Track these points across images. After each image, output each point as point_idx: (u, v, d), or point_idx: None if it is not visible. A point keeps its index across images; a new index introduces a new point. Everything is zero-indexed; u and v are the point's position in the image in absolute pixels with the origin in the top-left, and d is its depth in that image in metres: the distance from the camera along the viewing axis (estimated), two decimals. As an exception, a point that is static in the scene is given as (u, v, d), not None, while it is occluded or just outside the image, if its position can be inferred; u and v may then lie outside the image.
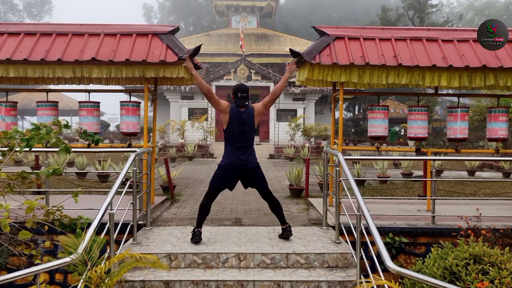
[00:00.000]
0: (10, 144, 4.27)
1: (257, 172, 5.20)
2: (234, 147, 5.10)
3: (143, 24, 8.54)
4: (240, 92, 5.12)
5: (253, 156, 5.17)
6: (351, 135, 36.83)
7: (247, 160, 5.08)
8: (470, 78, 6.21)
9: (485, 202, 7.67)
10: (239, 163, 5.06)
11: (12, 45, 6.23)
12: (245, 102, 5.13)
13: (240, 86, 5.21)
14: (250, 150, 5.16)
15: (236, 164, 5.07)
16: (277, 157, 20.97)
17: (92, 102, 6.75)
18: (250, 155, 5.14)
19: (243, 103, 5.12)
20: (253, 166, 5.13)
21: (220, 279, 4.26)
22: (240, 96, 5.11)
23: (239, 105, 5.11)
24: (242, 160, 5.06)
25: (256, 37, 33.24)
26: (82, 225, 4.51)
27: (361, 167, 10.72)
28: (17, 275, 3.04)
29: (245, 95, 5.13)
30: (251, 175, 5.17)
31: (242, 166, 5.08)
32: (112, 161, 11.78)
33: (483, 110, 18.11)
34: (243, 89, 5.16)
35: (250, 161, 5.11)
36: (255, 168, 5.16)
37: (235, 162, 5.07)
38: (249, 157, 5.10)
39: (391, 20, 35.28)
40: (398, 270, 3.23)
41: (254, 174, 5.17)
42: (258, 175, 5.21)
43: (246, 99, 5.14)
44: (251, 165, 5.11)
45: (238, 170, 5.09)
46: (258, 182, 5.24)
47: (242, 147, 5.10)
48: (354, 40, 6.48)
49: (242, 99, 5.12)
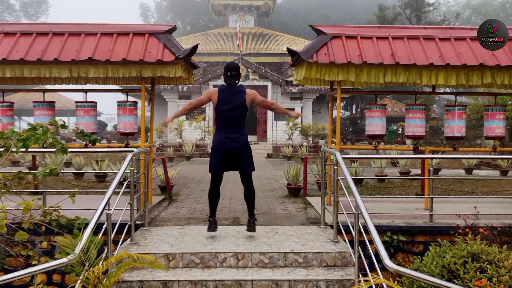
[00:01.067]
0: (6, 145, 4.25)
1: (246, 151, 5.18)
2: (223, 126, 5.12)
3: (140, 24, 8.51)
4: (230, 70, 5.12)
5: (242, 134, 5.16)
6: (349, 134, 36.88)
7: (236, 138, 5.09)
8: (467, 76, 6.22)
9: (482, 200, 7.68)
10: (228, 140, 5.07)
11: (8, 45, 6.20)
12: (235, 80, 5.12)
13: (230, 64, 5.23)
14: (239, 129, 5.15)
15: (226, 141, 5.08)
16: (275, 156, 20.97)
17: (89, 102, 6.73)
18: (239, 133, 5.13)
19: (232, 81, 5.11)
20: (241, 145, 5.12)
21: (218, 279, 4.26)
22: (229, 75, 5.11)
23: (229, 83, 5.11)
24: (230, 138, 5.07)
25: (253, 36, 33.21)
26: (79, 226, 4.50)
27: (359, 165, 10.73)
28: (15, 276, 3.03)
29: (234, 73, 5.12)
30: (240, 154, 5.15)
31: (231, 144, 5.08)
32: (110, 161, 11.75)
33: (480, 109, 18.15)
34: (232, 67, 5.16)
35: (239, 139, 5.11)
36: (244, 146, 5.15)
37: (224, 140, 5.08)
38: (238, 136, 5.11)
39: (388, 19, 35.32)
40: (396, 268, 3.23)
41: (242, 153, 5.15)
42: (245, 154, 5.19)
43: (236, 78, 5.13)
44: (239, 143, 5.11)
45: (228, 147, 5.09)
46: (244, 162, 5.20)
47: (232, 125, 5.10)
48: (352, 39, 6.48)
49: (232, 77, 5.11)
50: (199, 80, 24.37)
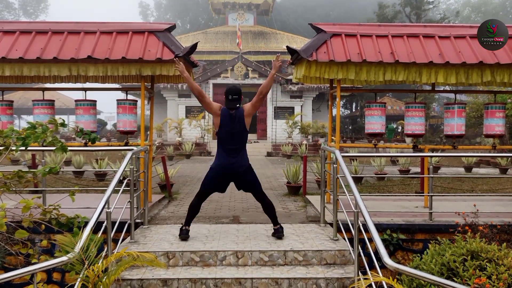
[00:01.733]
0: (6, 143, 4.25)
1: (249, 175, 5.16)
2: (225, 150, 5.08)
3: (140, 22, 8.51)
4: (231, 94, 5.07)
5: (243, 159, 5.11)
6: (349, 132, 36.87)
7: (237, 163, 5.04)
8: (467, 74, 6.22)
9: (482, 198, 7.68)
10: (229, 166, 5.04)
11: (7, 43, 6.20)
12: (236, 104, 5.07)
13: (231, 88, 5.15)
14: (240, 153, 5.09)
15: (226, 167, 5.05)
16: (275, 154, 20.98)
17: (88, 101, 6.72)
18: (241, 158, 5.08)
19: (234, 106, 5.06)
20: (243, 170, 5.08)
21: (218, 277, 4.26)
22: (231, 99, 5.06)
23: (230, 107, 5.06)
24: (232, 163, 5.03)
25: (253, 35, 33.19)
26: (79, 224, 4.51)
27: (358, 164, 10.74)
28: (15, 274, 3.03)
29: (236, 97, 5.06)
30: (242, 178, 5.14)
31: (231, 169, 5.05)
32: (109, 159, 11.75)
33: (480, 107, 18.16)
34: (234, 91, 5.09)
35: (240, 163, 5.06)
36: (246, 171, 5.12)
37: (225, 165, 5.05)
38: (239, 160, 5.06)
39: (388, 17, 35.27)
40: (395, 266, 3.23)
41: (245, 177, 5.14)
42: (249, 178, 5.17)
43: (237, 102, 5.08)
44: (241, 168, 5.07)
45: (228, 172, 5.07)
46: (250, 185, 5.20)
47: (232, 149, 5.05)
48: (351, 37, 6.48)
49: (233, 101, 5.06)
50: (198, 78, 24.34)
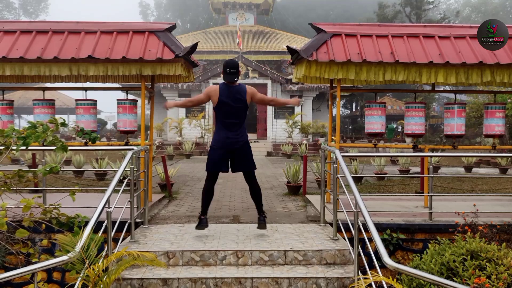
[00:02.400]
0: (6, 143, 4.25)
1: (246, 150, 5.17)
2: (223, 125, 5.10)
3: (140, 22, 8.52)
4: (229, 67, 5.10)
5: (242, 134, 5.14)
6: (349, 132, 36.89)
7: (236, 137, 5.08)
8: (467, 74, 6.22)
9: (482, 198, 7.69)
10: (228, 140, 5.06)
11: (8, 43, 6.21)
12: (234, 77, 5.11)
13: (229, 61, 5.19)
14: (240, 128, 5.13)
15: (225, 141, 5.07)
16: (275, 154, 20.99)
17: (89, 100, 6.73)
18: (239, 133, 5.12)
19: (232, 79, 5.10)
20: (241, 144, 5.10)
21: (218, 277, 4.27)
22: (229, 72, 5.10)
23: (229, 81, 5.10)
24: (230, 137, 5.05)
25: (253, 35, 33.18)
26: (79, 224, 4.52)
27: (358, 164, 10.74)
28: (15, 273, 3.04)
29: (233, 70, 5.09)
30: (239, 154, 5.14)
31: (230, 144, 5.07)
32: (110, 159, 11.76)
33: (480, 107, 18.16)
34: (231, 64, 5.13)
35: (239, 138, 5.09)
36: (244, 145, 5.14)
37: (224, 139, 5.07)
38: (237, 135, 5.09)
39: (388, 17, 35.28)
40: (395, 266, 3.24)
41: (242, 152, 5.14)
42: (246, 154, 5.17)
43: (236, 75, 5.11)
44: (239, 142, 5.09)
45: (227, 147, 5.08)
46: (245, 161, 5.19)
47: (231, 124, 5.08)
48: (351, 37, 6.48)
49: (231, 75, 5.09)
50: (199, 78, 24.36)
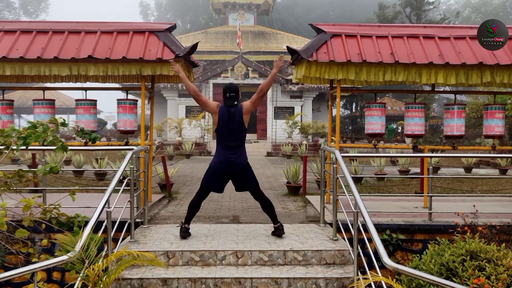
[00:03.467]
0: (6, 142, 4.25)
1: (247, 172, 5.19)
2: (224, 147, 5.12)
3: (140, 22, 8.53)
4: (228, 92, 5.11)
5: (242, 156, 5.15)
6: (349, 133, 36.86)
7: (236, 160, 5.08)
8: (466, 75, 6.23)
9: (481, 198, 7.69)
10: (228, 163, 5.07)
11: (8, 43, 6.21)
12: (234, 101, 5.11)
13: (229, 86, 5.19)
14: (239, 150, 5.14)
15: (225, 164, 5.08)
16: (275, 154, 20.99)
17: (89, 100, 6.73)
18: (240, 155, 5.12)
19: (231, 103, 5.10)
20: (241, 167, 5.12)
21: (218, 277, 4.27)
22: (228, 96, 5.11)
23: (228, 105, 5.10)
24: (230, 160, 5.06)
25: (253, 35, 33.19)
26: (79, 223, 4.51)
27: (358, 164, 10.74)
28: (15, 273, 3.04)
29: (233, 94, 5.11)
30: (240, 176, 5.17)
31: (230, 166, 5.08)
32: (110, 159, 11.77)
33: (479, 107, 18.15)
34: (231, 89, 5.14)
35: (239, 161, 5.10)
36: (244, 168, 5.15)
37: (224, 162, 5.08)
38: (238, 158, 5.10)
39: (388, 17, 35.28)
40: (395, 266, 3.24)
41: (243, 175, 5.17)
42: (247, 176, 5.20)
43: (235, 99, 5.13)
44: (239, 165, 5.10)
45: (227, 170, 5.10)
46: (248, 182, 5.23)
47: (231, 146, 5.09)
48: (351, 37, 6.49)
49: (231, 99, 5.11)
50: (199, 78, 24.35)
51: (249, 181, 5.23)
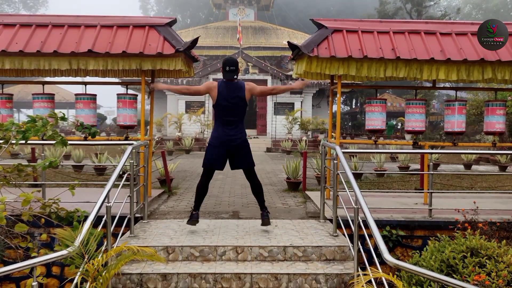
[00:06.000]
0: (6, 137, 4.23)
1: (244, 148, 5.18)
2: (222, 122, 5.11)
3: (140, 16, 8.49)
4: (228, 65, 5.09)
5: (241, 131, 5.15)
6: (349, 129, 36.87)
7: (235, 135, 5.08)
8: (468, 71, 6.20)
9: (481, 195, 7.69)
10: (226, 138, 5.06)
11: (7, 36, 6.17)
12: (234, 75, 5.10)
13: (229, 59, 5.19)
14: (238, 125, 5.14)
15: (223, 139, 5.08)
16: (275, 150, 20.98)
17: (88, 95, 6.70)
18: (238, 130, 5.12)
19: (231, 77, 5.09)
20: (239, 142, 5.11)
21: (217, 272, 4.27)
22: (228, 70, 5.09)
23: (228, 78, 5.09)
24: (229, 135, 5.06)
25: (253, 30, 33.10)
26: (79, 218, 4.50)
27: (358, 160, 10.73)
28: (14, 268, 3.03)
29: (233, 68, 5.09)
30: (238, 152, 5.15)
31: (229, 141, 5.07)
32: (109, 154, 11.74)
33: (480, 104, 18.14)
34: (231, 62, 5.13)
35: (238, 136, 5.10)
36: (242, 143, 5.14)
37: (222, 136, 5.08)
38: (236, 133, 5.10)
39: (389, 13, 35.24)
40: (395, 263, 3.23)
41: (241, 150, 5.15)
42: (244, 152, 5.18)
43: (235, 72, 5.11)
44: (238, 140, 5.09)
45: (226, 144, 5.08)
46: (244, 159, 5.20)
47: (230, 121, 5.09)
48: (352, 33, 6.45)
49: (231, 73, 5.09)
50: (199, 73, 24.31)
51: (246, 159, 5.21)
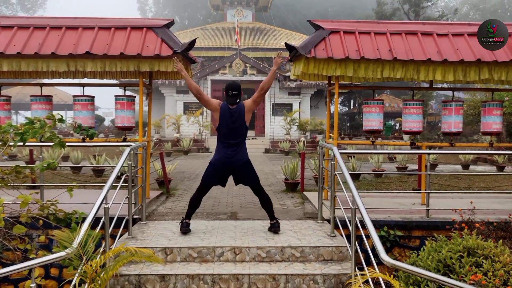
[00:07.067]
0: (4, 139, 4.24)
1: (247, 169, 5.21)
2: (224, 144, 5.14)
3: (138, 18, 8.50)
4: (231, 90, 5.12)
5: (242, 153, 5.17)
6: (347, 129, 36.87)
7: (236, 157, 5.10)
8: (464, 72, 6.23)
9: (479, 195, 7.71)
10: (227, 160, 5.09)
11: (5, 38, 6.17)
12: (236, 100, 5.12)
13: (231, 84, 5.20)
14: (240, 147, 5.15)
15: (225, 161, 5.10)
16: (273, 151, 21.00)
17: (86, 96, 6.71)
18: (240, 152, 5.14)
19: (233, 101, 5.11)
20: (241, 164, 5.13)
21: (215, 273, 4.27)
22: (231, 94, 5.12)
23: (230, 103, 5.11)
24: (230, 157, 5.08)
25: (251, 31, 33.13)
26: (77, 220, 4.51)
27: (356, 161, 10.75)
28: (12, 269, 3.03)
29: (235, 92, 5.12)
30: (240, 172, 5.20)
31: (230, 163, 5.10)
32: (107, 155, 11.75)
33: (477, 104, 18.16)
34: (234, 87, 5.14)
35: (239, 158, 5.12)
36: (244, 165, 5.17)
37: (224, 159, 5.11)
38: (238, 155, 5.12)
39: (386, 14, 35.29)
40: (392, 263, 3.24)
41: (243, 171, 5.19)
42: (248, 173, 5.23)
43: (237, 97, 5.14)
44: (239, 162, 5.12)
45: (227, 166, 5.13)
46: (248, 179, 5.26)
47: (232, 144, 5.11)
48: (350, 34, 6.48)
49: (233, 97, 5.12)
50: (197, 75, 24.32)
51: (250, 177, 5.26)
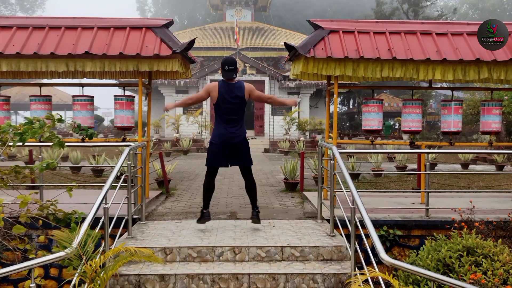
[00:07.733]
0: (3, 139, 4.24)
1: (244, 145, 5.29)
2: (223, 120, 5.22)
3: (137, 18, 8.50)
4: (227, 65, 5.22)
5: (241, 129, 5.27)
6: (346, 129, 36.92)
7: (235, 132, 5.20)
8: (464, 71, 6.23)
9: (478, 195, 7.72)
10: (228, 135, 5.17)
11: (4, 38, 6.17)
12: (233, 74, 5.22)
13: (227, 58, 5.32)
14: (239, 123, 5.26)
15: (225, 136, 5.18)
16: (272, 151, 21.00)
17: (85, 96, 6.70)
18: (239, 128, 5.24)
19: (230, 76, 5.21)
20: (240, 139, 5.23)
21: (215, 273, 4.28)
22: (227, 69, 5.21)
23: (227, 78, 5.21)
24: (230, 132, 5.18)
25: (250, 31, 33.11)
26: (76, 220, 4.50)
27: (355, 160, 10.75)
28: (12, 269, 3.03)
29: (232, 67, 5.22)
30: (238, 149, 5.25)
31: (230, 138, 5.18)
32: (107, 155, 11.75)
33: (476, 104, 18.16)
34: (230, 61, 5.26)
35: (238, 133, 5.22)
36: (243, 140, 5.26)
37: (224, 134, 5.19)
38: (237, 130, 5.22)
39: (385, 13, 35.29)
40: (392, 262, 3.25)
41: (240, 147, 5.26)
42: (244, 149, 5.29)
43: (234, 72, 5.23)
44: (239, 138, 5.21)
45: (227, 142, 5.19)
46: (243, 156, 5.31)
47: (232, 119, 5.21)
48: (349, 33, 6.48)
49: (230, 72, 5.21)
50: (196, 74, 24.32)
51: (245, 155, 5.32)
